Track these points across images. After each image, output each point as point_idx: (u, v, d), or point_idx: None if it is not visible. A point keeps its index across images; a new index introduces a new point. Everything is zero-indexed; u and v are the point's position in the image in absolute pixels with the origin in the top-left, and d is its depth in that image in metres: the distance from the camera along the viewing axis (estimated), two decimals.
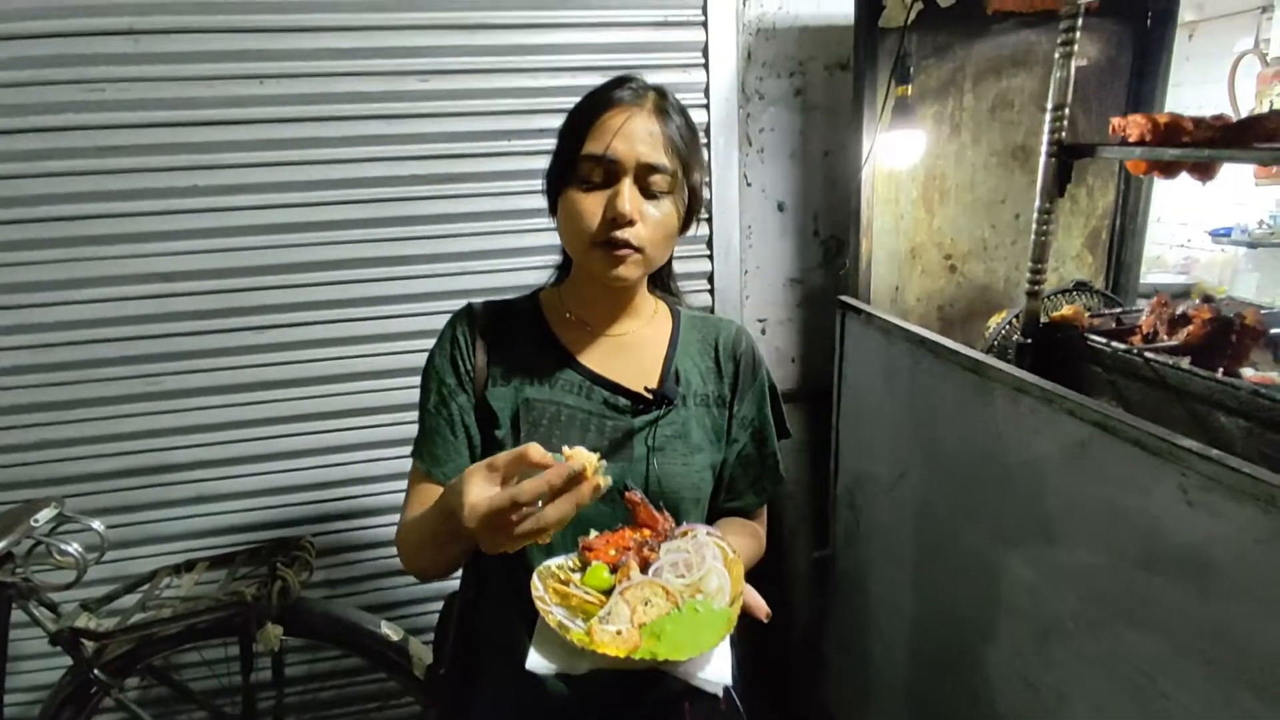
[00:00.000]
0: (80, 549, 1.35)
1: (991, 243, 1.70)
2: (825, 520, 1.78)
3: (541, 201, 0.93)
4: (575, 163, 0.84)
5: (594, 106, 0.85)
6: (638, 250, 0.84)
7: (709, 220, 1.73)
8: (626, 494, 0.82)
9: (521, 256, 1.63)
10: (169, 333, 1.53)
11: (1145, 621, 0.89)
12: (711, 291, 1.77)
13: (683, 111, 0.88)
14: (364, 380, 1.62)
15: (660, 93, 0.87)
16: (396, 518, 1.66)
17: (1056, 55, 1.06)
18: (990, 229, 1.69)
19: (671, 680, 0.73)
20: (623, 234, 0.82)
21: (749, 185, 1.77)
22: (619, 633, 0.68)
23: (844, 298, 1.45)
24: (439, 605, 1.12)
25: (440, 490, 0.87)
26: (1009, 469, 1.08)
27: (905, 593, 1.41)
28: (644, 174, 0.83)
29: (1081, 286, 1.40)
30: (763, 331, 1.86)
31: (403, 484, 1.69)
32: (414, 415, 0.95)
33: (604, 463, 0.68)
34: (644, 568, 0.75)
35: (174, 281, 1.52)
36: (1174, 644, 0.84)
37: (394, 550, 1.70)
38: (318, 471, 1.65)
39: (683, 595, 0.72)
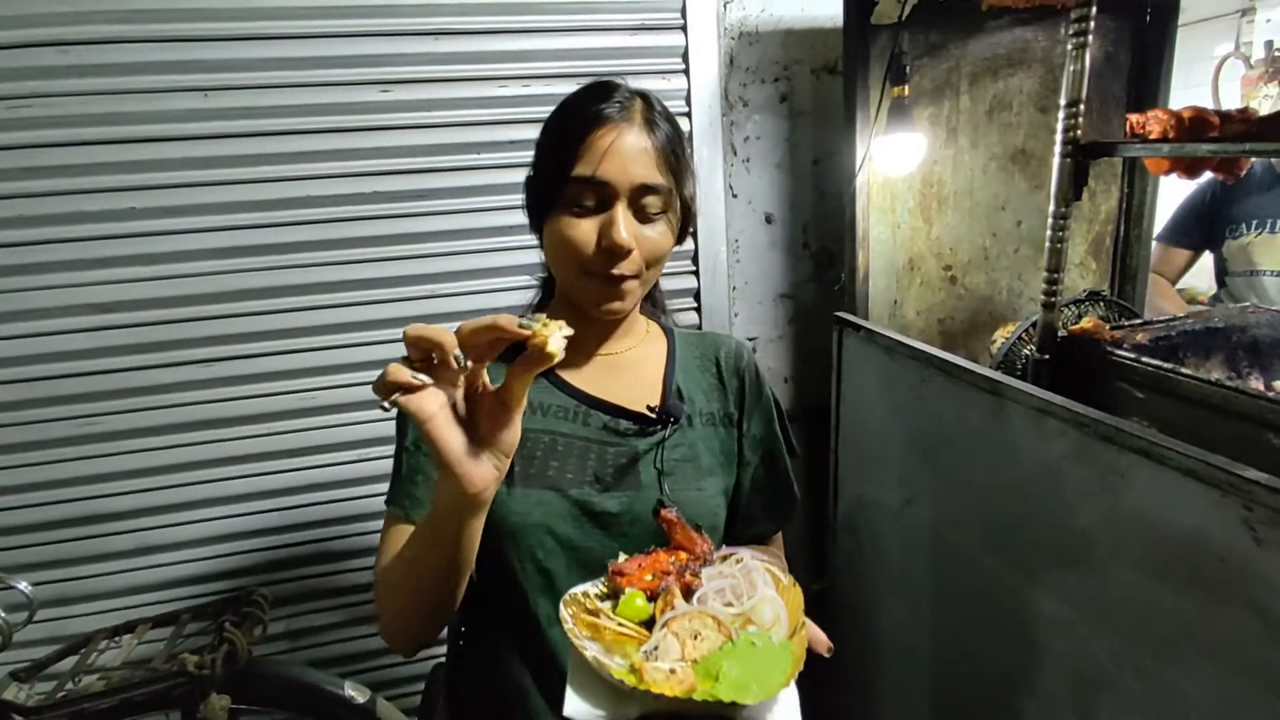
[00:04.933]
0: (2, 612, 1.21)
1: (993, 252, 1.61)
2: (822, 548, 1.67)
3: (514, 218, 0.85)
4: (562, 186, 0.77)
5: (580, 124, 0.78)
6: (634, 278, 0.79)
7: (694, 234, 1.63)
8: (661, 512, 0.74)
9: (493, 277, 1.52)
10: (105, 369, 1.39)
11: (1202, 665, 0.78)
12: (699, 309, 1.67)
13: (670, 118, 0.83)
14: (322, 415, 1.49)
15: (646, 100, 0.81)
16: (360, 562, 1.58)
17: (1069, 47, 0.97)
18: (991, 237, 1.60)
19: None
20: (620, 268, 0.77)
21: (735, 196, 1.68)
22: (672, 671, 0.58)
23: (841, 314, 1.35)
24: (411, 658, 0.99)
25: None
26: (1033, 498, 0.97)
27: (919, 630, 1.30)
28: (638, 196, 0.77)
29: (1095, 296, 1.31)
30: (754, 350, 1.76)
31: (368, 525, 1.58)
32: (378, 450, 0.85)
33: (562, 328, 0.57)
34: (686, 594, 0.66)
35: (111, 312, 1.38)
36: (1234, 687, 0.74)
37: (359, 598, 1.60)
38: (273, 515, 1.51)
39: (734, 627, 0.63)
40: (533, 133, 0.84)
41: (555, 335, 0.56)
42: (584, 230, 0.76)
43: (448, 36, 1.42)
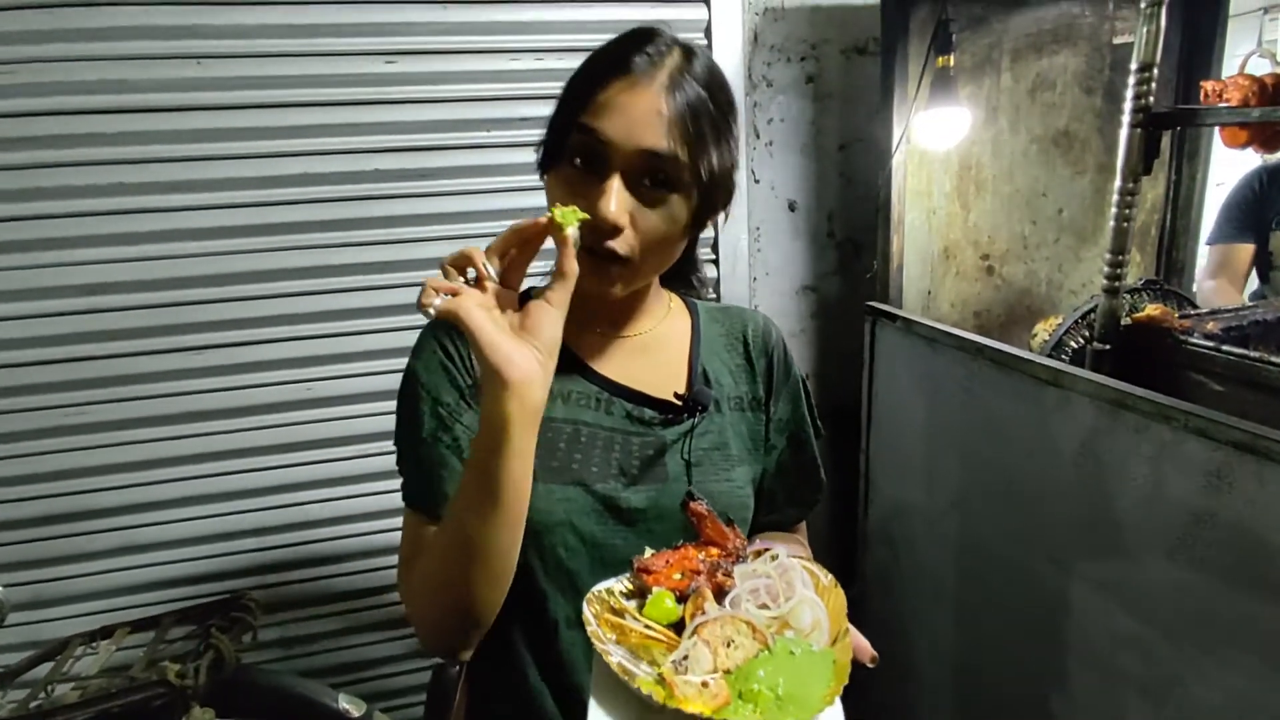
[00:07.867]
0: None
1: (1032, 241, 1.52)
2: (852, 556, 1.57)
3: (525, 200, 0.77)
4: (567, 134, 0.69)
5: (601, 68, 0.69)
6: (624, 262, 0.69)
7: (713, 221, 1.54)
8: (691, 505, 0.69)
9: None
10: (89, 355, 1.31)
11: None
12: (718, 301, 1.58)
13: (708, 82, 0.70)
14: (323, 406, 1.40)
15: (686, 54, 0.70)
16: (360, 564, 1.48)
17: (1143, 4, 0.89)
18: (1031, 225, 1.51)
19: None
20: (608, 244, 0.68)
21: (757, 182, 1.59)
22: (704, 684, 0.53)
23: (874, 303, 1.26)
24: (410, 667, 0.93)
25: None
26: (1101, 502, 0.88)
27: (963, 648, 1.20)
28: (642, 164, 0.67)
29: (1151, 285, 1.23)
30: None
31: (369, 525, 1.48)
32: (380, 446, 0.76)
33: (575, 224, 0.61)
34: (718, 596, 0.61)
35: (98, 295, 1.30)
36: None
37: (357, 603, 1.51)
38: (267, 514, 1.42)
39: (770, 632, 0.58)
40: (546, 110, 0.75)
41: (573, 227, 0.60)
42: (576, 191, 0.68)
43: (457, 5, 1.34)
